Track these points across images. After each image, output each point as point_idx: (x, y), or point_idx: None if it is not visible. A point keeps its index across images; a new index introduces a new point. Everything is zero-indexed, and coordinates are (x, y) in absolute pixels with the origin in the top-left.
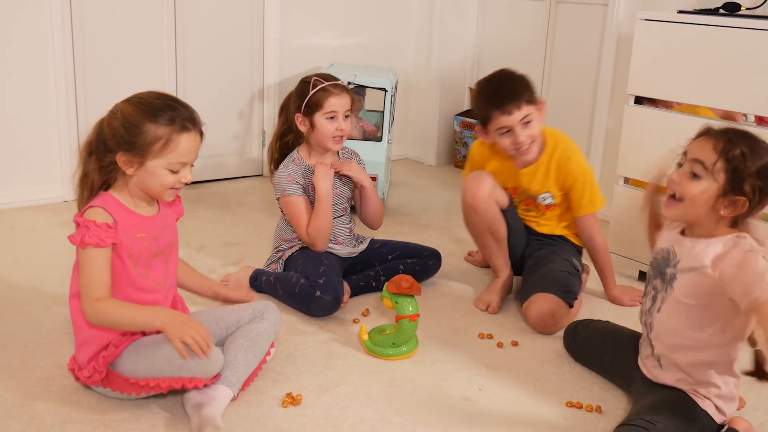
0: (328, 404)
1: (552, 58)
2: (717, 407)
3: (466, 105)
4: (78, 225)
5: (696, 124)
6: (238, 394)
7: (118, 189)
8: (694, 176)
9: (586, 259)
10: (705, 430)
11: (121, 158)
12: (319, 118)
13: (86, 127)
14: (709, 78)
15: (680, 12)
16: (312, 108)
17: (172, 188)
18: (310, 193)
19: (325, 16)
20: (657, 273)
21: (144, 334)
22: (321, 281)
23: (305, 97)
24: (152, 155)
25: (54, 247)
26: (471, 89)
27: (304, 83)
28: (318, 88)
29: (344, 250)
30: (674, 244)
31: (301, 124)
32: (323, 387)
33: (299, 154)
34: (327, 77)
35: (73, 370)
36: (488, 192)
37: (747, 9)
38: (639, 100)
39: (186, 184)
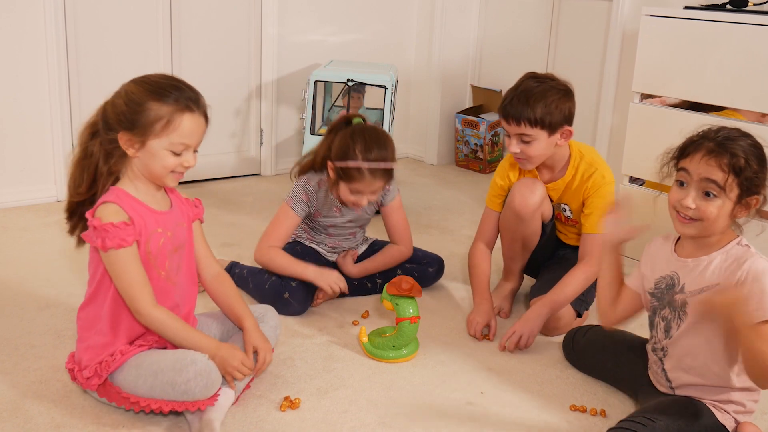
0: (327, 408)
1: (555, 55)
2: (735, 419)
3: (467, 103)
4: (95, 228)
5: (700, 123)
6: (237, 398)
7: (128, 181)
8: (707, 195)
9: None
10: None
11: (122, 138)
12: (345, 187)
13: (81, 126)
14: (715, 75)
15: (686, 8)
16: (343, 176)
17: (173, 172)
18: (316, 218)
19: (324, 11)
20: (666, 302)
21: (150, 347)
22: (293, 284)
23: (344, 160)
24: (153, 135)
25: (47, 248)
26: (473, 86)
27: (353, 143)
28: (356, 166)
29: (334, 257)
30: (675, 269)
31: (330, 170)
32: (322, 390)
33: (321, 183)
34: (372, 148)
35: (71, 370)
36: (538, 202)
37: (754, 4)
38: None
39: (188, 168)
